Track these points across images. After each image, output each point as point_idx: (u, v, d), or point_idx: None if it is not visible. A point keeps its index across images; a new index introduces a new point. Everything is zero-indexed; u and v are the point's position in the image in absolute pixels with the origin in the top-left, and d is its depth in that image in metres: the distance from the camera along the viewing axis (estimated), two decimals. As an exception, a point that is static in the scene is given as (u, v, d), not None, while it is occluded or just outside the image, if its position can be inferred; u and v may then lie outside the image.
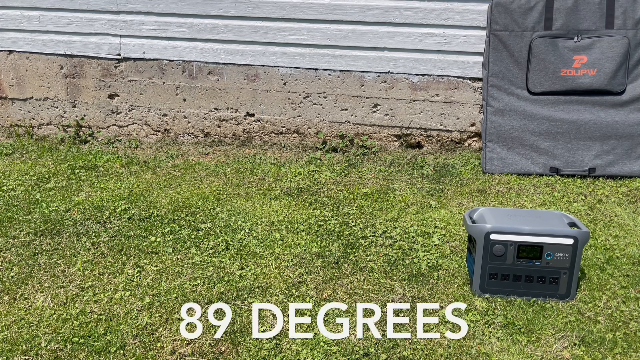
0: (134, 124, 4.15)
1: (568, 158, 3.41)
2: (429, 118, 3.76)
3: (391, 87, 3.72)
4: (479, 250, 2.17)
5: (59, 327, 2.05)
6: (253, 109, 3.94)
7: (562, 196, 3.13)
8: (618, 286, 2.28)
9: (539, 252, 2.14)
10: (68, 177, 3.44)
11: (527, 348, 1.94)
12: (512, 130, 3.46)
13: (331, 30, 3.65)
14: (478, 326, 2.05)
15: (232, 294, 2.23)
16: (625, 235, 2.69)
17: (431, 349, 1.94)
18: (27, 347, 1.94)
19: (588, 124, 3.39)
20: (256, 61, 3.81)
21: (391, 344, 1.96)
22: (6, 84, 4.20)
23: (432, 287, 2.28)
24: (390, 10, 3.56)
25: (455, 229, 2.74)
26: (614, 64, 3.33)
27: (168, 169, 3.59)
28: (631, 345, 1.96)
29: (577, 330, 2.02)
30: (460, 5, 3.49)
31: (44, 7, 3.95)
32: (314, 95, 3.83)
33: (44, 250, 2.58)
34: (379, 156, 3.74)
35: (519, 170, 3.45)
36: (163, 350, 1.93)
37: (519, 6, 3.36)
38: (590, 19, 3.33)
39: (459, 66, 3.60)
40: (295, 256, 2.51)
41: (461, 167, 3.54)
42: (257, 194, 3.17)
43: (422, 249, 2.56)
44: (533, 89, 3.42)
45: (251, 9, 3.68)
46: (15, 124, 4.30)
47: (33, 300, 2.21)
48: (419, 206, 3.01)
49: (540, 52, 3.37)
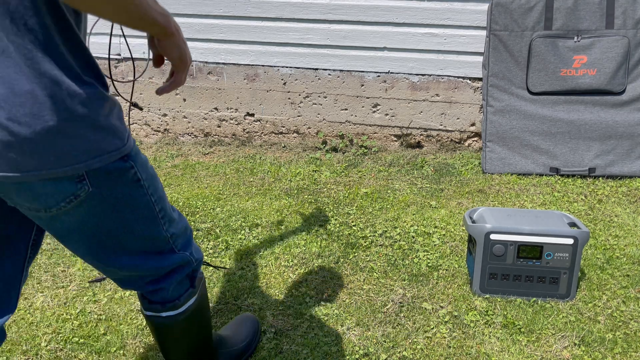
0: (133, 124, 4.15)
1: (568, 158, 3.41)
2: (429, 118, 3.76)
3: (391, 87, 3.72)
4: (479, 250, 2.17)
5: (59, 327, 2.05)
6: (253, 109, 3.94)
7: (562, 196, 3.13)
8: (618, 286, 2.28)
9: (539, 252, 2.14)
10: (68, 177, 3.44)
11: (527, 348, 1.94)
12: (512, 130, 3.46)
13: (331, 30, 3.65)
14: (478, 326, 2.05)
15: (232, 294, 2.23)
16: (626, 235, 2.69)
17: (431, 349, 1.94)
18: (27, 347, 1.94)
19: (588, 124, 3.39)
20: (256, 61, 3.81)
21: (391, 344, 1.96)
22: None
23: (432, 287, 2.28)
24: (390, 10, 3.56)
25: (455, 229, 2.74)
26: (614, 63, 3.33)
27: (168, 169, 3.59)
28: (631, 345, 1.96)
29: (577, 330, 2.02)
30: (460, 5, 3.49)
31: (44, 7, 3.95)
32: (314, 95, 3.83)
33: (43, 250, 2.58)
34: (379, 156, 3.74)
35: (519, 170, 3.45)
36: (163, 350, 1.94)
37: (519, 6, 3.36)
38: (590, 19, 3.33)
39: (459, 66, 3.60)
40: (295, 256, 2.51)
41: (461, 167, 3.54)
42: (257, 194, 3.17)
43: (422, 249, 2.56)
44: (533, 88, 3.42)
45: (251, 9, 3.68)
46: (15, 124, 4.30)
47: (33, 300, 2.21)
48: (419, 206, 3.01)
49: (540, 52, 3.37)
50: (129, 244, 1.29)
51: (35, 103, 1.03)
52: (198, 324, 1.57)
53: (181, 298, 1.46)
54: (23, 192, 1.12)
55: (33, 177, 1.08)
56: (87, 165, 1.12)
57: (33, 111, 1.03)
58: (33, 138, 1.04)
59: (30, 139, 1.04)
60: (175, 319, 1.47)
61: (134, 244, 1.30)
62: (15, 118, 1.03)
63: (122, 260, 1.31)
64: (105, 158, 1.15)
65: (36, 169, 1.08)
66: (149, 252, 1.34)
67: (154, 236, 1.32)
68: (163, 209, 1.33)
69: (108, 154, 1.15)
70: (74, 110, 1.07)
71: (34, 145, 1.05)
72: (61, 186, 1.12)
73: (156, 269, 1.37)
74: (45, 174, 1.09)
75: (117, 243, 1.28)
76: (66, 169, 1.10)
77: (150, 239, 1.32)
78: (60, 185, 1.12)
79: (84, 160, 1.11)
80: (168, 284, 1.41)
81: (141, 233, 1.29)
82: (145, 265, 1.34)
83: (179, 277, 1.43)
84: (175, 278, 1.42)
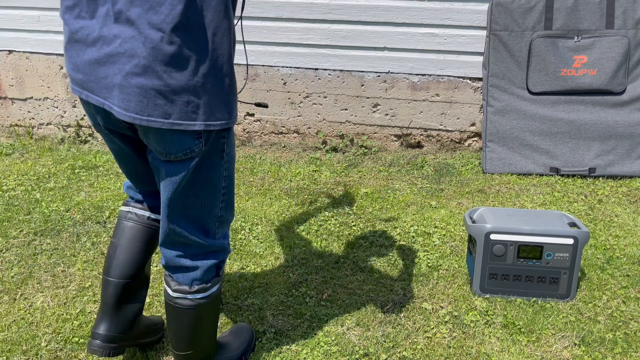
0: (134, 124, 4.15)
1: (568, 158, 3.41)
2: (429, 118, 3.76)
3: (391, 87, 3.72)
4: (479, 250, 2.17)
5: (59, 327, 2.05)
6: (253, 109, 3.94)
7: (562, 196, 3.13)
8: (618, 286, 2.28)
9: (539, 252, 2.14)
10: (68, 177, 3.44)
11: (527, 348, 1.94)
12: (512, 130, 3.46)
13: (331, 30, 3.65)
14: (478, 326, 2.05)
15: (232, 294, 2.23)
16: (626, 235, 2.69)
17: (431, 349, 1.94)
18: (27, 347, 1.94)
19: (588, 124, 3.39)
20: (256, 61, 3.81)
21: (391, 344, 1.96)
22: (6, 83, 4.20)
23: (432, 287, 2.28)
24: (390, 10, 3.55)
25: (455, 229, 2.74)
26: (614, 63, 3.33)
27: (168, 169, 3.58)
28: (631, 345, 1.96)
29: (577, 330, 2.02)
30: (460, 5, 3.49)
31: (44, 7, 3.94)
32: (314, 95, 3.83)
33: (43, 250, 2.58)
34: (379, 156, 3.74)
35: (519, 170, 3.45)
36: (163, 351, 1.93)
37: (519, 6, 3.36)
38: (591, 18, 3.33)
39: (459, 66, 3.60)
40: (295, 256, 2.51)
41: (461, 167, 3.54)
42: (257, 194, 3.17)
43: (422, 249, 2.56)
44: (533, 88, 3.42)
45: (251, 9, 3.68)
46: (15, 124, 4.30)
47: (33, 300, 2.21)
48: (419, 206, 3.01)
49: (541, 52, 3.37)
50: (191, 207, 1.49)
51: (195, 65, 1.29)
52: (213, 316, 1.68)
53: (209, 283, 1.59)
54: (158, 137, 1.37)
55: (169, 125, 1.33)
56: (207, 125, 1.36)
57: (189, 69, 1.29)
58: (181, 91, 1.30)
59: (179, 92, 1.30)
60: (199, 302, 1.58)
61: (193, 210, 1.50)
62: (172, 72, 1.28)
63: (181, 223, 1.51)
64: (220, 124, 1.39)
65: (175, 119, 1.33)
66: (200, 226, 1.53)
67: (209, 209, 1.52)
68: (227, 191, 1.54)
69: (222, 121, 1.39)
70: (220, 79, 1.35)
71: (178, 98, 1.31)
72: (184, 139, 1.37)
73: (198, 244, 1.55)
74: (178, 124, 1.33)
75: (186, 202, 1.49)
76: (195, 123, 1.34)
77: (206, 211, 1.52)
78: (184, 139, 1.37)
79: (206, 121, 1.36)
80: (203, 264, 1.56)
81: (202, 200, 1.49)
82: (193, 236, 1.53)
83: (212, 262, 1.58)
84: (209, 261, 1.58)
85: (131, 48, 1.27)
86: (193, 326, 1.62)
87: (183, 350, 1.65)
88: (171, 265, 1.58)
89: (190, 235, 1.52)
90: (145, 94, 1.29)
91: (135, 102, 1.31)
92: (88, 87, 1.39)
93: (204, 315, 1.62)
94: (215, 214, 1.54)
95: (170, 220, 1.51)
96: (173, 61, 1.27)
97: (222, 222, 1.57)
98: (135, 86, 1.29)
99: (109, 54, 1.31)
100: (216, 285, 1.62)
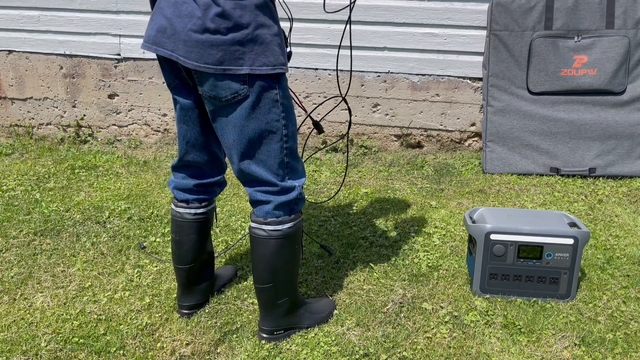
0: (133, 124, 4.15)
1: (568, 158, 3.41)
2: (429, 118, 3.76)
3: (391, 87, 3.72)
4: (479, 250, 2.17)
5: (59, 327, 2.05)
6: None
7: (562, 196, 3.13)
8: (618, 286, 2.28)
9: (539, 252, 2.14)
10: (68, 177, 3.44)
11: (528, 348, 1.94)
12: (513, 130, 3.46)
13: (331, 30, 3.65)
14: (478, 326, 2.05)
15: (232, 294, 2.23)
16: (626, 235, 2.69)
17: (431, 349, 1.94)
18: (27, 347, 1.94)
19: (588, 124, 3.39)
20: (256, 61, 3.81)
21: (391, 344, 1.96)
22: (6, 83, 4.20)
23: (432, 287, 2.28)
24: (390, 10, 3.55)
25: (455, 229, 2.74)
26: (614, 63, 3.33)
27: (168, 169, 3.58)
28: (631, 345, 1.96)
29: (578, 331, 2.02)
30: (460, 5, 3.49)
31: (44, 7, 3.94)
32: (314, 95, 3.83)
33: (43, 250, 2.58)
34: (379, 156, 3.74)
35: (519, 170, 3.45)
36: (163, 351, 1.93)
37: (519, 6, 3.36)
38: (591, 18, 3.33)
39: (459, 66, 3.60)
40: (295, 256, 2.51)
41: (461, 167, 3.54)
42: (257, 194, 3.16)
43: (422, 249, 2.56)
44: (533, 88, 3.42)
45: (251, 9, 3.68)
46: (15, 124, 4.30)
47: (33, 300, 2.21)
48: (419, 206, 3.01)
49: (541, 52, 3.37)
50: (254, 150, 1.74)
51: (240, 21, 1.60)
52: (289, 254, 1.88)
53: (280, 217, 1.82)
54: (211, 83, 1.66)
55: (221, 71, 1.62)
56: (252, 70, 1.63)
57: (236, 25, 1.60)
58: (230, 44, 1.60)
59: (229, 43, 1.60)
60: (272, 234, 1.82)
61: (259, 153, 1.75)
62: (221, 28, 1.59)
63: (248, 164, 1.77)
64: (262, 70, 1.64)
65: (224, 65, 1.62)
66: (267, 168, 1.77)
67: (274, 154, 1.75)
68: (290, 139, 1.77)
69: (266, 67, 1.65)
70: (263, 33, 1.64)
71: (227, 48, 1.60)
72: (232, 83, 1.64)
73: (269, 182, 1.78)
74: (227, 69, 1.62)
75: (251, 148, 1.74)
76: (241, 68, 1.62)
77: (271, 155, 1.75)
78: (232, 83, 1.64)
79: (251, 66, 1.63)
80: (275, 199, 1.80)
81: (265, 144, 1.73)
82: (261, 175, 1.77)
83: (283, 199, 1.80)
84: (281, 197, 1.80)
85: (191, 10, 1.60)
86: (268, 257, 1.84)
87: (262, 282, 1.88)
88: (252, 199, 1.84)
89: (259, 175, 1.77)
90: (201, 46, 1.60)
91: (195, 53, 1.62)
92: (160, 42, 1.68)
93: (278, 249, 1.84)
94: (281, 159, 1.77)
95: (239, 161, 1.77)
96: (222, 19, 1.58)
97: (290, 168, 1.81)
98: (195, 40, 1.60)
99: (177, 14, 1.63)
100: (289, 224, 1.83)
